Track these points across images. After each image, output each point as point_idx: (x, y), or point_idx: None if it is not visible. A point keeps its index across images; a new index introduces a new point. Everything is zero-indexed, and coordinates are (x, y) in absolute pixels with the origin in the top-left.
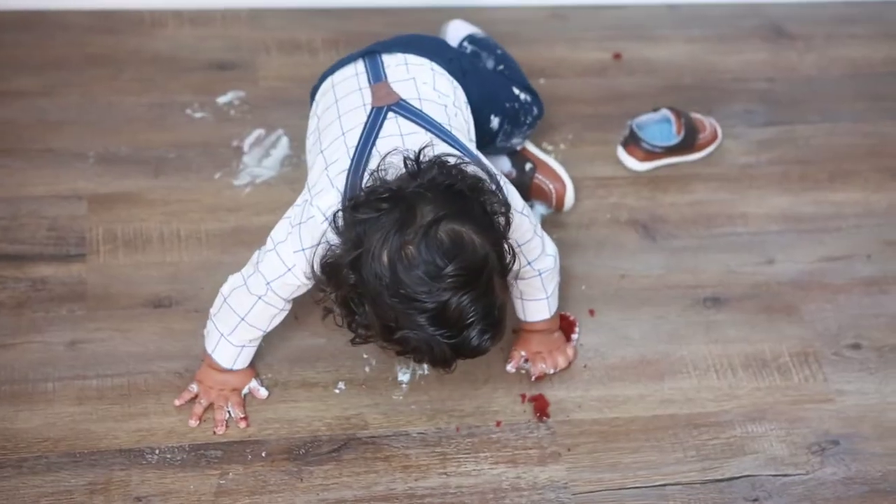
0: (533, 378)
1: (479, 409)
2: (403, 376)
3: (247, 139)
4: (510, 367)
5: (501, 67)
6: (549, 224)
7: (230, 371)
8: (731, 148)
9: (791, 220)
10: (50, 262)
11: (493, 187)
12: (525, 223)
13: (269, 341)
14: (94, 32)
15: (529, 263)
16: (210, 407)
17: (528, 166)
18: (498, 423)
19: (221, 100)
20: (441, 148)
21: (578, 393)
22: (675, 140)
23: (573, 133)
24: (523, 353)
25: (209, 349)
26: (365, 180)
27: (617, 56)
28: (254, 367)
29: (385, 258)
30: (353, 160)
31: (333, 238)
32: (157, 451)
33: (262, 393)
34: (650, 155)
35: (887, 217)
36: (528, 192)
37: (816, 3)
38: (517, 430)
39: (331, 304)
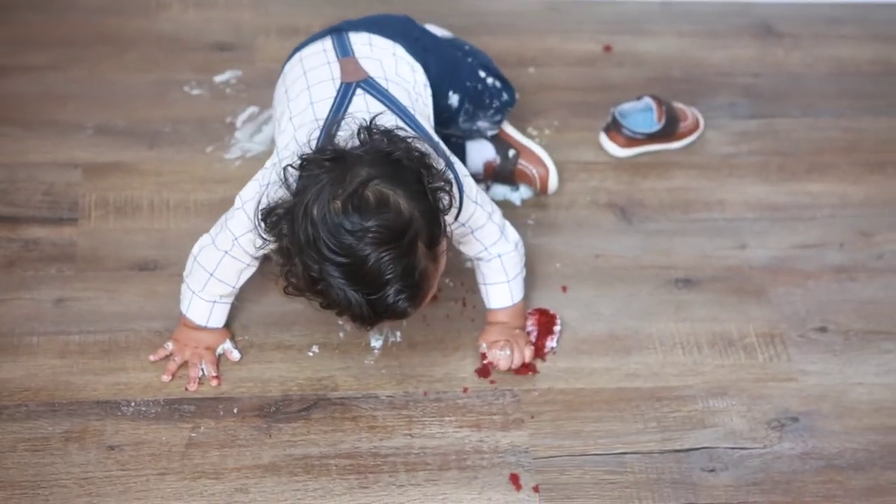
0: (486, 363)
1: (447, 375)
2: (376, 342)
3: (240, 116)
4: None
5: (470, 60)
6: (530, 205)
7: (204, 329)
8: (713, 138)
9: (767, 209)
10: (43, 224)
11: (443, 167)
12: (478, 210)
13: (247, 305)
14: (103, 13)
15: (486, 248)
16: (184, 365)
17: (511, 153)
18: (465, 390)
19: (219, 78)
20: (400, 125)
21: (546, 364)
22: (655, 127)
23: (559, 119)
24: (484, 344)
25: (183, 309)
26: None
27: (607, 48)
28: (229, 330)
29: (315, 211)
30: (322, 130)
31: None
32: (132, 404)
33: (235, 355)
34: (631, 141)
35: (862, 209)
36: (513, 177)
37: (806, 3)
38: (483, 396)
39: (271, 253)
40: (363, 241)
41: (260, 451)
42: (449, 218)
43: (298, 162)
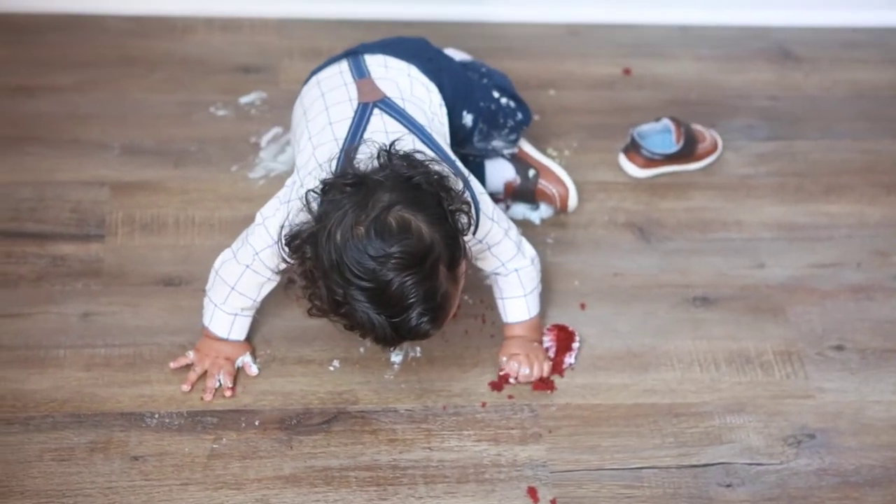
0: (502, 376)
1: (466, 390)
2: (396, 358)
3: (264, 136)
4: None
5: (485, 81)
6: (549, 224)
7: (226, 340)
8: (731, 160)
9: (784, 228)
10: (70, 240)
11: (460, 187)
12: (494, 227)
13: (269, 319)
14: (130, 36)
15: (503, 264)
16: (204, 375)
17: (531, 172)
18: (483, 404)
19: (244, 100)
20: (418, 147)
21: (564, 379)
22: (674, 148)
23: (578, 141)
24: (503, 358)
25: (206, 321)
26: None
27: (626, 71)
28: (250, 344)
29: (338, 237)
30: (342, 150)
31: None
32: (156, 416)
33: (254, 370)
34: (650, 162)
35: (879, 229)
36: (534, 196)
37: (824, 28)
38: (501, 411)
39: (293, 276)
40: (386, 267)
41: (281, 463)
42: (467, 235)
43: (320, 186)
